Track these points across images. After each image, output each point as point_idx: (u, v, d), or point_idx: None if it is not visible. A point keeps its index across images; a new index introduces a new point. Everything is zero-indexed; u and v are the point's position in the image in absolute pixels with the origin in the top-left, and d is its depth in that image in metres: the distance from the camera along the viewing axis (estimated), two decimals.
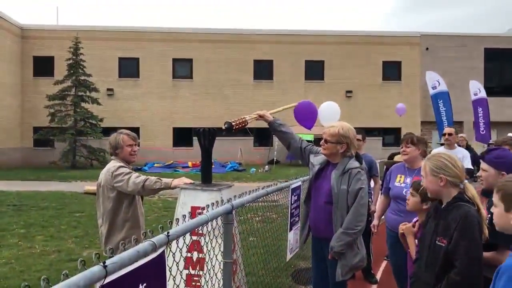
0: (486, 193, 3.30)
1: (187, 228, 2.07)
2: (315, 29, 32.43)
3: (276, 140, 27.34)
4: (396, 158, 7.67)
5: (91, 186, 15.42)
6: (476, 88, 20.18)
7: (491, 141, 11.75)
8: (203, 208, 2.82)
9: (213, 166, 18.92)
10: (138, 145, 4.30)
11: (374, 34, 31.23)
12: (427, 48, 31.82)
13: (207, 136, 3.52)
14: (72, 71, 26.29)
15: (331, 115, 5.56)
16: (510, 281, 1.77)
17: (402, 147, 5.04)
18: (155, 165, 25.75)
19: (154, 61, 29.57)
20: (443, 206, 2.75)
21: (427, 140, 7.35)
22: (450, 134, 6.23)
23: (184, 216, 2.19)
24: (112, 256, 1.51)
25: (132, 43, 29.38)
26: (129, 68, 29.67)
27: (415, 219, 3.46)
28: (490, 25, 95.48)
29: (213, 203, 2.60)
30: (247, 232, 6.03)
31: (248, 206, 5.73)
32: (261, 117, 4.26)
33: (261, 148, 29.78)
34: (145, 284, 1.69)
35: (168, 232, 1.87)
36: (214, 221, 2.81)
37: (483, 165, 3.10)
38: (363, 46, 30.60)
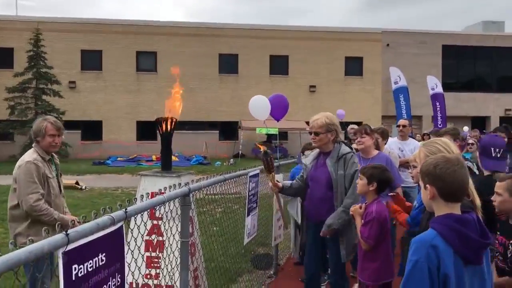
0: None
1: (144, 206, 2.24)
2: (280, 24, 32.73)
3: (241, 134, 27.55)
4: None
5: None
6: (433, 83, 20.95)
7: (426, 132, 12.34)
8: (162, 193, 2.99)
9: (177, 159, 19.32)
10: (62, 136, 4.07)
11: (337, 30, 31.78)
12: (388, 44, 32.64)
13: (167, 125, 3.67)
14: (32, 63, 25.69)
15: (262, 109, 5.85)
16: (414, 252, 1.91)
17: (357, 138, 5.35)
18: (118, 159, 25.53)
19: (117, 54, 29.19)
20: None
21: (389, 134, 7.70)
22: (404, 126, 6.62)
23: (142, 196, 2.36)
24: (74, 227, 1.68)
25: (95, 35, 28.90)
26: (91, 60, 29.19)
27: (364, 202, 3.71)
28: (449, 23, 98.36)
29: (171, 186, 2.78)
30: (209, 222, 6.22)
31: (210, 198, 5.93)
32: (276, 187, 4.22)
33: (227, 142, 29.92)
34: (104, 254, 1.87)
35: (126, 209, 2.04)
36: (172, 204, 2.99)
37: None
38: (326, 42, 31.10)
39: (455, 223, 1.95)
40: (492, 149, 3.70)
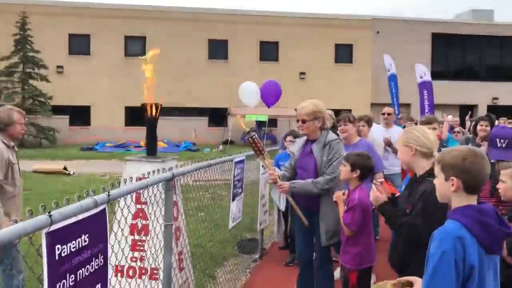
0: None
1: (127, 190, 2.30)
2: (270, 10, 32.60)
3: (230, 120, 27.56)
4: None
5: (40, 165, 15.20)
6: (422, 72, 21.00)
7: (399, 116, 12.56)
8: (146, 177, 3.04)
9: (166, 146, 19.37)
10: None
11: (328, 17, 31.74)
12: (378, 32, 32.68)
13: (152, 110, 3.70)
14: (19, 47, 25.37)
15: (251, 95, 5.91)
16: (440, 244, 1.92)
17: (340, 125, 5.44)
18: (107, 144, 25.44)
19: (105, 38, 28.92)
20: (415, 178, 2.97)
21: (377, 122, 7.82)
22: (389, 114, 6.71)
23: (125, 180, 2.42)
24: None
25: (83, 19, 28.57)
26: (79, 44, 28.91)
27: (348, 188, 3.79)
28: (439, 11, 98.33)
29: (154, 171, 2.84)
30: (197, 207, 6.30)
31: (199, 184, 6.00)
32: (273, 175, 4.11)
33: (216, 128, 29.92)
34: (87, 235, 1.93)
35: (109, 192, 2.10)
36: (156, 188, 3.05)
37: None
38: (317, 28, 31.05)
39: (478, 214, 1.98)
40: (497, 139, 3.84)
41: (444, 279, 1.88)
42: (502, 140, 3.85)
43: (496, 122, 10.93)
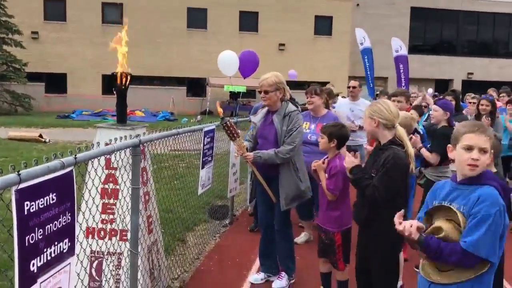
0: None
1: (94, 153, 2.48)
2: None
3: (209, 91, 27.53)
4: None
5: (15, 132, 15.13)
6: (398, 46, 21.21)
7: (377, 92, 12.91)
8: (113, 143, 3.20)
9: (144, 115, 19.38)
10: None
11: None
12: (357, 4, 32.71)
13: (122, 79, 3.82)
14: None
15: (230, 65, 6.06)
16: (493, 204, 2.24)
17: (307, 98, 5.65)
18: (84, 113, 25.25)
19: (82, 4, 28.32)
20: (379, 146, 3.33)
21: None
22: (354, 87, 6.91)
23: (92, 145, 2.59)
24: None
25: None
26: (55, 10, 28.27)
27: (325, 157, 4.00)
28: None
29: (121, 137, 3.01)
30: (172, 176, 6.49)
31: (175, 154, 6.16)
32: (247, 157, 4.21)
33: (194, 98, 29.88)
34: (55, 194, 2.11)
35: (75, 155, 2.28)
36: (123, 153, 3.23)
37: (435, 107, 5.01)
38: (297, 0, 30.90)
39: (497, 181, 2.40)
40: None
41: (494, 235, 2.21)
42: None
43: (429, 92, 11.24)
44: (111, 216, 3.65)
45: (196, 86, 30.23)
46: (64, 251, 2.22)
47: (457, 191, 2.38)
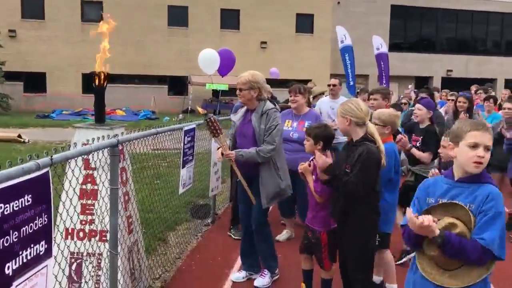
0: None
1: (70, 154, 2.45)
2: None
3: (191, 89, 27.39)
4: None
5: None
6: (378, 43, 21.44)
7: (358, 90, 13.12)
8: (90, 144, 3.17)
9: (125, 114, 19.18)
10: None
11: None
12: (338, 2, 32.87)
13: (100, 78, 3.79)
14: None
15: (210, 63, 6.04)
16: (499, 202, 2.30)
17: (291, 96, 5.67)
18: (64, 112, 24.94)
19: (61, 2, 27.89)
20: (352, 143, 3.43)
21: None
22: (334, 85, 6.96)
23: (69, 145, 2.56)
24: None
25: None
26: (33, 8, 27.78)
27: (311, 159, 4.00)
28: None
29: (99, 137, 2.98)
30: (153, 176, 6.44)
31: (157, 153, 6.11)
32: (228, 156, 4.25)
33: (176, 97, 29.70)
34: (30, 195, 2.08)
35: (51, 156, 2.25)
36: (101, 154, 3.20)
37: (419, 106, 4.98)
38: None
39: None
40: None
41: (503, 233, 2.28)
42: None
43: (437, 94, 11.55)
44: (90, 217, 3.62)
45: (178, 85, 30.05)
46: (41, 253, 2.19)
47: (457, 189, 2.37)
